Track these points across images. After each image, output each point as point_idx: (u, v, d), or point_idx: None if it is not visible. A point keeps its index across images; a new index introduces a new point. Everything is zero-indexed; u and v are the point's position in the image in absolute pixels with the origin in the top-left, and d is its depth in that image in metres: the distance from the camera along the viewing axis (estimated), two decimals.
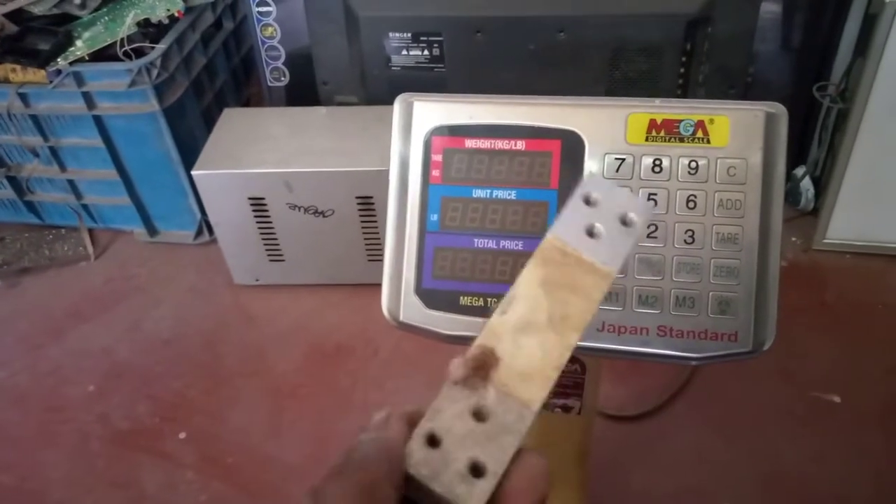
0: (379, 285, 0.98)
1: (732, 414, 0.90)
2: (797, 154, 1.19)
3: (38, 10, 1.05)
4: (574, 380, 0.63)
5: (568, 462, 0.71)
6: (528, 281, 0.33)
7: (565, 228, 0.33)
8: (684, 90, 1.08)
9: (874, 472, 0.83)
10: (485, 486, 0.28)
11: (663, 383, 0.93)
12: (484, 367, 0.31)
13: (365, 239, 1.05)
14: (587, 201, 0.33)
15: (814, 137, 1.15)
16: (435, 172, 0.53)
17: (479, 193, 0.53)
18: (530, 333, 0.32)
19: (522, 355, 0.31)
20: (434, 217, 0.53)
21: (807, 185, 1.15)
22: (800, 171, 1.17)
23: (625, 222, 0.33)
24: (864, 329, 0.99)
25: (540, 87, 1.09)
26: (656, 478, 0.83)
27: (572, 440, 0.70)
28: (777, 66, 1.14)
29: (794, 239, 1.14)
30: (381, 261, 1.09)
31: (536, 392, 0.30)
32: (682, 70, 1.06)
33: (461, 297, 0.53)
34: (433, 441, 0.29)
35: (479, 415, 0.30)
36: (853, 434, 0.86)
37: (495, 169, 0.52)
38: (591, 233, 0.33)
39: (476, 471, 0.28)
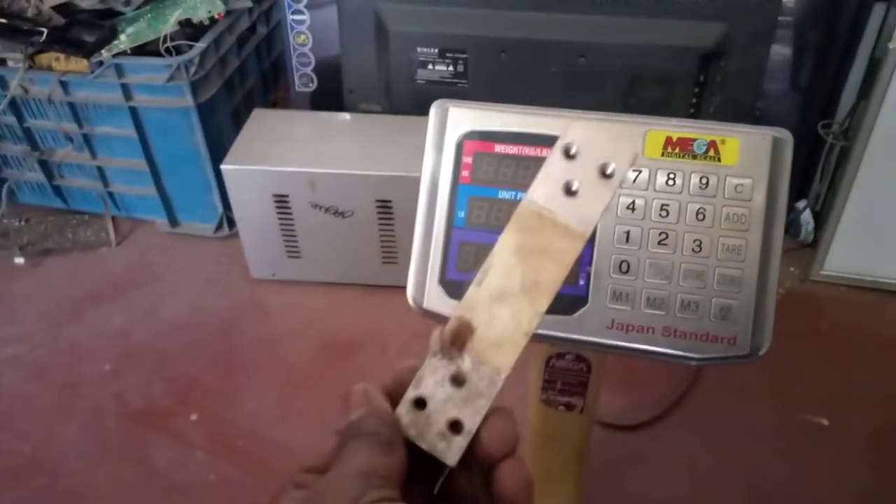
0: (391, 287, 1.04)
1: (725, 430, 0.94)
2: (799, 188, 1.24)
3: (84, 4, 1.11)
4: (579, 378, 0.67)
5: (568, 459, 0.75)
6: (504, 249, 0.36)
7: (542, 189, 0.35)
8: (695, 119, 1.12)
9: (860, 494, 0.87)
10: (461, 441, 0.33)
11: (660, 396, 0.97)
12: (460, 338, 0.35)
13: (381, 241, 1.09)
14: (567, 154, 0.35)
15: (816, 172, 1.20)
16: (464, 173, 0.57)
17: (504, 195, 0.57)
18: (504, 302, 0.35)
19: (495, 324, 0.35)
20: (461, 214, 0.57)
21: (807, 217, 1.20)
22: (801, 204, 1.22)
23: (604, 173, 0.35)
24: (855, 359, 1.03)
25: (558, 107, 1.14)
26: (649, 485, 0.87)
27: (573, 438, 0.74)
28: (784, 103, 1.19)
29: (792, 269, 1.18)
30: (395, 263, 1.13)
31: (506, 359, 0.34)
32: (694, 100, 1.11)
33: None
34: (420, 404, 0.34)
35: (457, 381, 0.34)
36: (840, 457, 0.90)
37: (521, 173, 0.56)
38: (568, 190, 0.35)
39: (455, 428, 0.33)
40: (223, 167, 1.03)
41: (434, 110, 0.59)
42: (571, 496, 0.78)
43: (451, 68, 1.14)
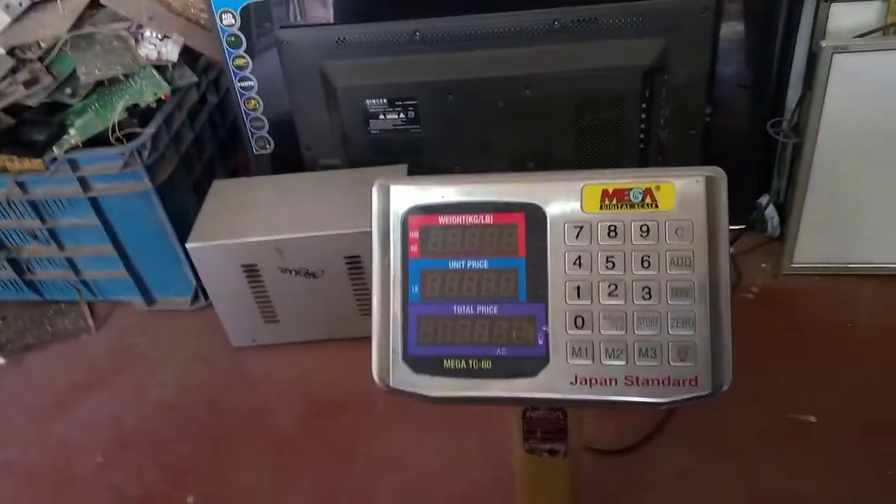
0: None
1: (713, 439, 0.95)
2: (761, 183, 1.25)
3: (31, 102, 1.11)
4: (557, 426, 0.68)
5: (560, 500, 0.75)
6: None
7: None
8: (647, 133, 1.14)
9: (853, 488, 0.87)
10: None
11: (646, 415, 0.98)
12: None
13: (356, 295, 1.10)
14: None
15: (774, 167, 1.22)
16: (413, 248, 0.58)
17: (454, 265, 0.58)
18: None
19: None
20: (415, 288, 0.58)
21: (771, 212, 1.21)
22: (764, 199, 1.23)
23: None
24: (834, 349, 1.04)
25: (511, 140, 1.16)
26: None
27: (562, 481, 0.75)
28: (734, 105, 1.21)
29: (763, 265, 1.20)
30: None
31: None
32: (643, 115, 1.12)
33: (445, 360, 0.58)
34: None
35: None
36: (831, 452, 0.91)
37: (468, 242, 0.57)
38: None
39: None
40: (188, 245, 1.04)
41: (375, 191, 0.60)
42: None
43: (402, 115, 1.15)
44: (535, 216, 0.56)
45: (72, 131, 1.08)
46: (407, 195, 0.59)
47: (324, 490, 0.96)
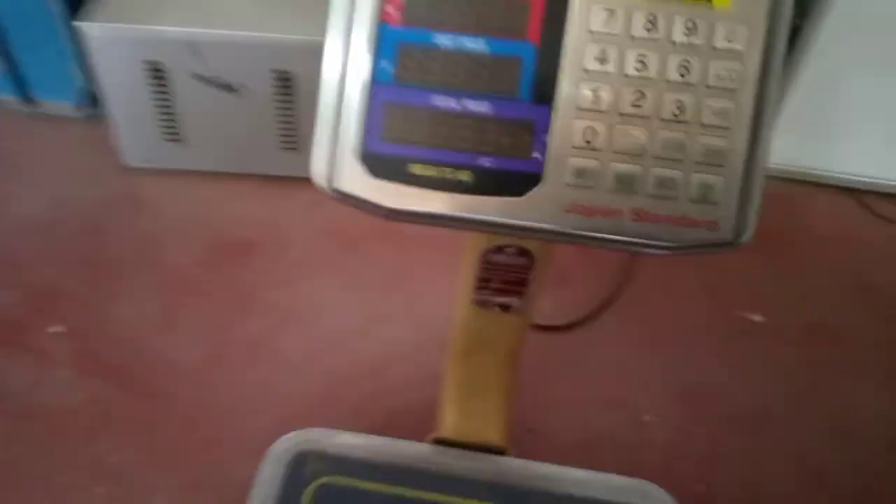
0: (292, 178, 0.87)
1: (658, 329, 0.89)
2: None
3: None
4: (519, 276, 0.57)
5: (499, 364, 0.66)
6: None
7: None
8: None
9: (791, 388, 0.84)
10: None
11: (591, 295, 0.90)
12: None
13: (279, 123, 0.94)
14: None
15: None
16: (390, 9, 0.44)
17: (443, 41, 0.44)
18: None
19: None
20: (386, 66, 0.44)
21: None
22: None
23: None
24: (787, 253, 1.00)
25: None
26: (581, 388, 0.81)
27: (507, 341, 0.65)
28: None
29: None
30: (296, 150, 0.98)
31: None
32: None
33: (413, 165, 0.45)
34: None
35: None
36: (773, 352, 0.87)
37: (465, 11, 0.44)
38: None
39: None
40: (78, 24, 0.84)
41: None
42: (501, 403, 0.70)
43: None
44: None
45: None
46: None
47: (217, 335, 0.84)
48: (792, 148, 1.07)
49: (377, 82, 0.44)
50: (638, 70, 0.43)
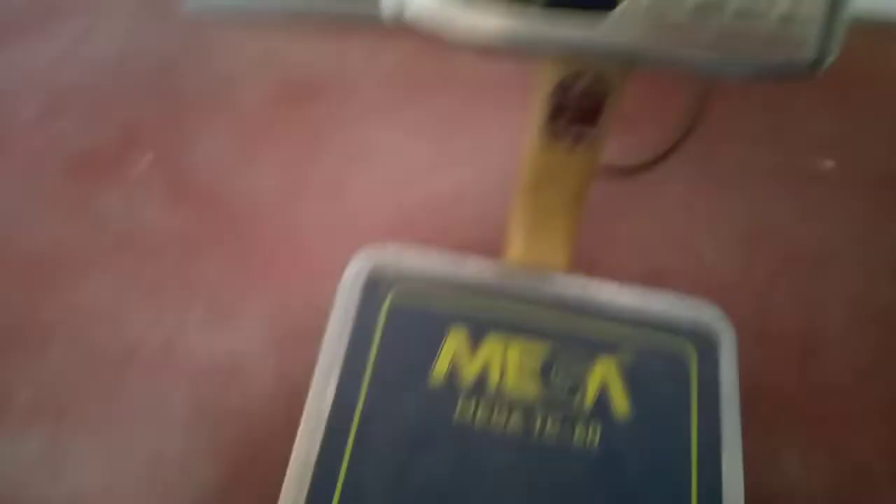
0: (356, 24, 0.86)
1: (723, 173, 0.89)
2: None
3: None
4: (595, 103, 0.58)
5: (568, 196, 0.69)
6: None
7: None
8: None
9: (856, 237, 0.84)
10: None
11: (658, 141, 0.90)
12: None
13: None
14: None
15: None
16: None
17: None
18: None
19: None
20: None
21: None
22: None
23: None
24: (865, 99, 0.96)
25: None
26: (645, 228, 0.83)
27: (576, 175, 0.67)
28: None
29: None
30: None
31: None
32: None
33: None
34: None
35: None
36: (841, 200, 0.86)
37: None
38: None
39: None
40: None
41: None
42: (567, 234, 0.73)
43: None
44: None
45: None
46: None
47: (293, 171, 0.88)
48: None
49: None
50: None
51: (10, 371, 0.73)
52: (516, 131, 0.61)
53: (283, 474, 0.64)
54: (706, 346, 0.61)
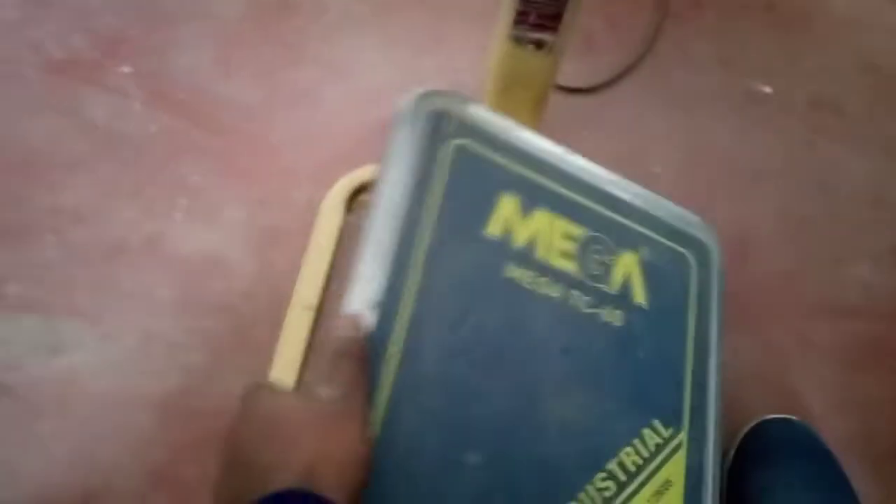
0: None
1: (672, 95, 0.96)
2: None
3: None
4: (556, 9, 0.64)
5: (530, 102, 0.75)
6: None
7: None
8: None
9: (787, 152, 0.93)
10: None
11: (614, 63, 0.96)
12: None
13: None
14: None
15: None
16: None
17: None
18: None
19: None
20: None
21: None
22: None
23: None
24: (804, 32, 1.04)
25: None
26: (600, 143, 0.90)
27: (538, 80, 0.73)
28: None
29: None
30: None
31: None
32: None
33: None
34: None
35: None
36: (777, 120, 0.95)
37: None
38: None
39: None
40: None
41: None
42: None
43: None
44: None
45: None
46: None
47: (268, 83, 0.92)
48: None
49: None
50: None
51: None
52: (481, 54, 0.65)
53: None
54: (702, 258, 0.69)
